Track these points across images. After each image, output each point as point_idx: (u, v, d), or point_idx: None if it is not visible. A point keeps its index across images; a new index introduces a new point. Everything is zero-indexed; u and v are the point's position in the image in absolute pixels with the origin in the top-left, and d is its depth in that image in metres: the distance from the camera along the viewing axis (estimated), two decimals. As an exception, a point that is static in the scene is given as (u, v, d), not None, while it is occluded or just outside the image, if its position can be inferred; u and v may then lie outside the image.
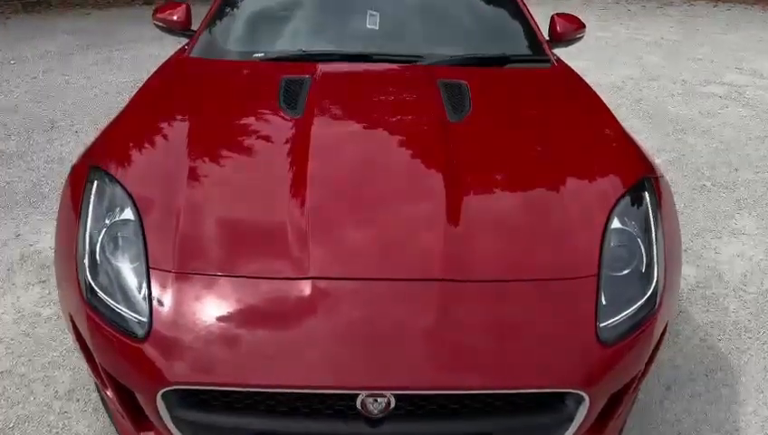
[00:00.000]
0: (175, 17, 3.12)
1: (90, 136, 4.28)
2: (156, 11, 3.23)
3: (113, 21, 7.83)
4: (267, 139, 2.15)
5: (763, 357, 2.59)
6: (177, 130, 2.14)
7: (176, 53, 2.96)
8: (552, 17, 3.21)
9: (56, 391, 2.32)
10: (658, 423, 2.26)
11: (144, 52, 6.45)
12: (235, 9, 3.00)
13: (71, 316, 1.81)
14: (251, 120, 2.25)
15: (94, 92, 5.34)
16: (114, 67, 6.03)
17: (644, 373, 1.82)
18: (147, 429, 1.75)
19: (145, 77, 2.73)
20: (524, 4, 3.12)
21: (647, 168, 2.10)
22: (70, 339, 2.55)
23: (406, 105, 2.40)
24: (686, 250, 3.28)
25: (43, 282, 2.90)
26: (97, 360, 1.68)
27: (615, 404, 1.73)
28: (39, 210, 3.49)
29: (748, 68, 6.36)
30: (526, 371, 1.55)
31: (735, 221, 3.59)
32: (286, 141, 2.06)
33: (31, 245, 3.18)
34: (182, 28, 3.12)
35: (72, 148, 4.24)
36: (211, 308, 1.59)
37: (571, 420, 1.62)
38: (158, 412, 1.58)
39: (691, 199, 3.80)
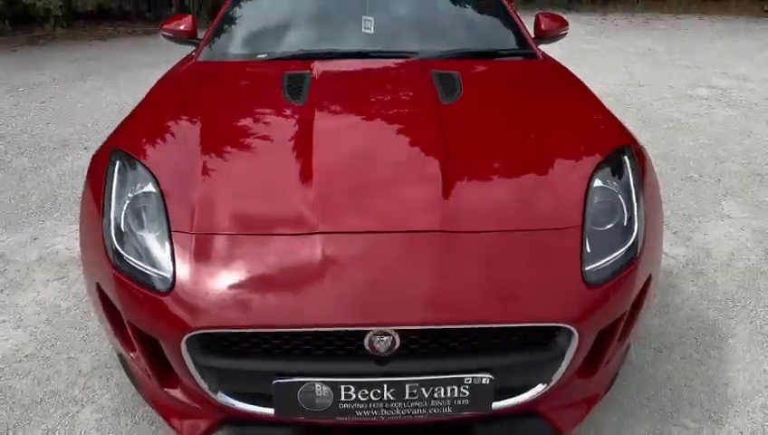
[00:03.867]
0: (182, 27, 3.32)
1: (89, 157, 4.48)
2: (163, 23, 3.43)
3: (114, 50, 8.08)
4: (274, 121, 2.32)
5: (750, 322, 2.72)
6: (190, 116, 2.31)
7: (182, 60, 3.15)
8: (537, 16, 3.41)
9: (79, 370, 2.45)
10: (651, 380, 2.39)
11: (144, 75, 6.65)
12: (239, 17, 3.20)
13: (98, 287, 1.95)
14: (257, 106, 2.42)
15: (101, 113, 5.54)
16: (118, 90, 6.24)
17: (631, 322, 1.95)
18: (171, 385, 1.89)
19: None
20: (510, 5, 3.32)
21: (627, 138, 2.26)
22: (90, 326, 2.69)
23: (401, 90, 2.57)
24: (675, 232, 3.43)
25: (61, 278, 3.04)
26: (125, 318, 1.81)
27: (603, 346, 1.86)
28: (54, 217, 3.65)
29: (733, 73, 6.56)
30: (519, 307, 1.69)
31: (722, 207, 3.74)
32: (292, 123, 2.23)
33: (47, 247, 3.33)
34: (189, 37, 3.31)
35: (84, 162, 4.39)
36: (228, 262, 1.74)
37: (562, 356, 1.75)
38: (182, 360, 1.71)
39: (680, 189, 3.96)
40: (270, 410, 1.77)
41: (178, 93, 2.59)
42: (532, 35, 3.29)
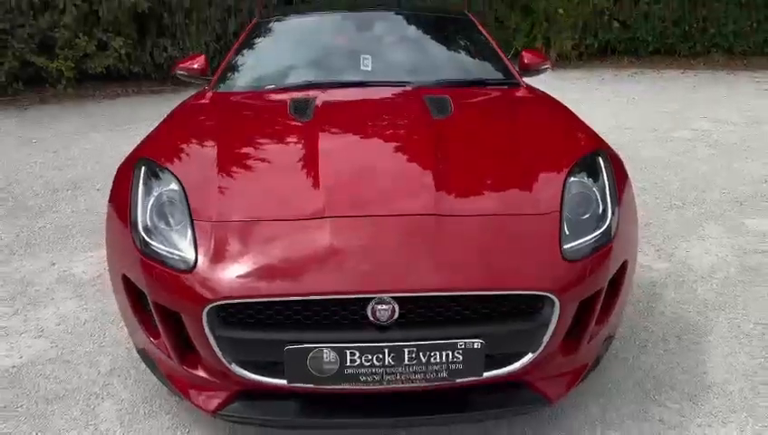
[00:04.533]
0: (195, 65, 3.62)
1: (101, 198, 4.71)
2: (177, 63, 3.72)
3: (122, 107, 8.42)
4: (282, 132, 2.57)
5: (728, 322, 2.89)
6: (206, 130, 2.56)
7: (194, 94, 3.42)
8: (521, 53, 3.71)
9: (99, 371, 2.61)
10: (636, 370, 2.55)
11: (149, 128, 6.97)
12: (247, 55, 3.50)
13: (123, 278, 2.15)
14: (266, 122, 2.68)
15: (111, 160, 5.75)
16: (127, 140, 6.45)
17: (611, 304, 2.15)
18: (189, 363, 2.05)
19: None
20: (495, 41, 3.63)
21: (602, 145, 2.51)
22: (108, 333, 2.86)
23: (396, 109, 2.83)
24: (658, 250, 3.63)
25: (79, 296, 3.22)
26: (151, 299, 2.00)
27: (585, 320, 2.04)
28: (70, 246, 3.85)
29: (713, 117, 6.88)
30: (505, 276, 1.89)
31: (703, 229, 3.95)
32: (298, 133, 2.48)
33: (65, 270, 3.52)
34: (201, 74, 3.61)
35: (96, 201, 4.63)
36: (243, 243, 1.95)
37: (546, 325, 1.93)
38: (203, 332, 1.89)
39: (663, 214, 4.18)
40: (280, 381, 1.94)
41: (194, 115, 2.85)
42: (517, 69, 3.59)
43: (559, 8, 9.87)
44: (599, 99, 8.10)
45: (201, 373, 2.04)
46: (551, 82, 3.45)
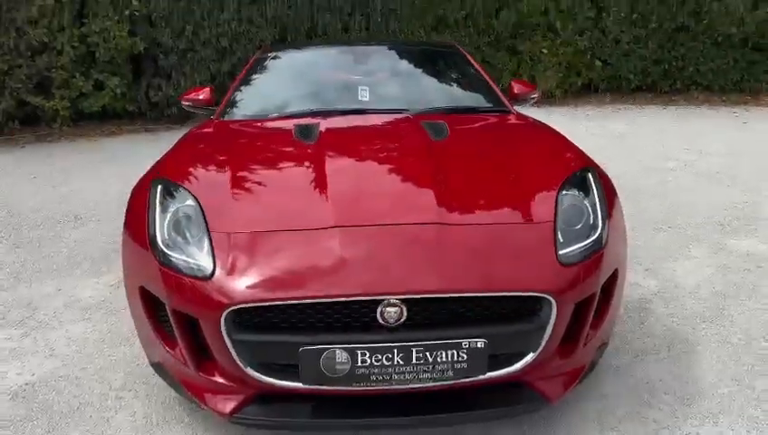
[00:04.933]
0: (201, 96, 3.78)
1: (111, 225, 4.80)
2: (182, 94, 3.88)
3: (119, 144, 8.55)
4: (290, 153, 2.72)
5: (716, 333, 3.02)
6: (217, 151, 2.71)
7: (199, 124, 3.56)
8: (510, 82, 3.91)
9: (110, 386, 2.68)
10: (630, 377, 2.66)
11: (148, 163, 7.05)
12: (250, 87, 3.67)
13: (140, 291, 2.25)
14: (274, 144, 2.83)
15: (110, 195, 5.87)
16: (124, 174, 6.55)
17: (605, 309, 2.28)
18: (205, 369, 2.15)
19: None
20: (485, 72, 3.82)
21: (591, 163, 2.67)
22: (118, 352, 2.94)
23: (396, 132, 2.99)
24: (647, 269, 3.77)
25: (87, 319, 3.30)
26: (170, 307, 2.10)
27: (580, 323, 2.17)
28: (75, 274, 3.93)
29: (695, 148, 7.12)
30: (506, 279, 2.02)
31: (689, 250, 4.10)
32: (305, 152, 2.62)
33: (71, 296, 3.60)
34: (207, 104, 3.76)
35: (97, 232, 4.70)
36: (258, 252, 2.07)
37: (545, 326, 2.05)
38: (220, 337, 1.99)
39: (650, 238, 4.33)
40: (294, 384, 2.03)
41: (203, 140, 2.99)
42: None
43: (543, 48, 10.19)
44: (584, 133, 8.34)
45: (216, 379, 2.13)
46: (537, 118, 3.61)
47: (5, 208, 5.38)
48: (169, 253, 2.15)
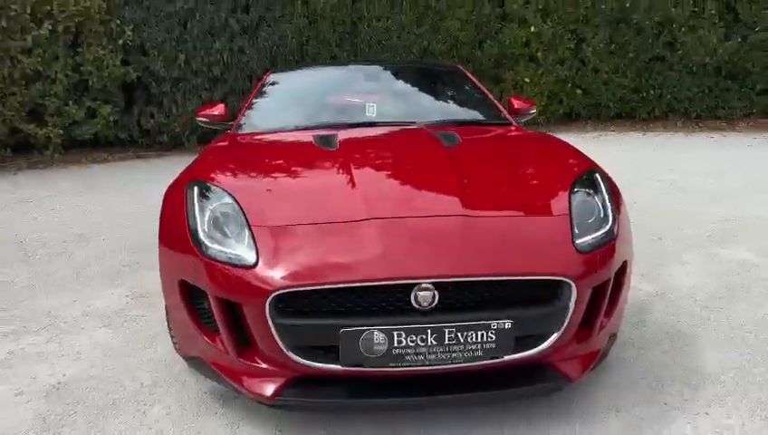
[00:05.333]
0: (216, 112, 3.93)
1: (115, 243, 4.90)
2: (197, 111, 4.02)
3: (112, 170, 8.62)
4: (315, 156, 2.88)
5: (714, 329, 3.19)
6: (245, 157, 2.86)
7: (217, 138, 3.71)
8: (509, 99, 4.13)
9: (142, 383, 2.77)
10: (638, 368, 2.82)
11: (143, 188, 7.14)
12: (264, 101, 3.84)
13: (180, 284, 2.37)
14: (298, 150, 2.99)
15: (109, 215, 5.96)
16: (122, 198, 6.69)
17: (616, 297, 2.45)
18: (247, 358, 2.27)
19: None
20: (488, 90, 4.04)
21: (596, 166, 2.86)
22: (144, 354, 3.03)
23: (411, 139, 3.17)
24: (643, 275, 3.96)
25: (108, 326, 3.38)
26: (214, 295, 2.22)
27: (596, 309, 2.33)
28: (90, 285, 4.01)
29: (678, 169, 7.41)
30: (532, 264, 2.19)
31: (681, 257, 4.30)
32: (330, 157, 2.78)
33: (88, 306, 3.68)
34: (222, 120, 3.91)
35: (104, 249, 4.79)
36: (298, 242, 2.22)
37: (565, 309, 2.21)
38: (265, 321, 2.11)
39: (645, 247, 4.52)
40: (332, 366, 2.16)
41: (227, 148, 3.13)
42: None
43: (525, 77, 10.54)
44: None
45: (257, 364, 2.25)
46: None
47: (7, 229, 5.44)
48: (212, 246, 2.28)
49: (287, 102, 3.83)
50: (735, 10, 9.85)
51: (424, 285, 2.10)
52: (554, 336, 2.22)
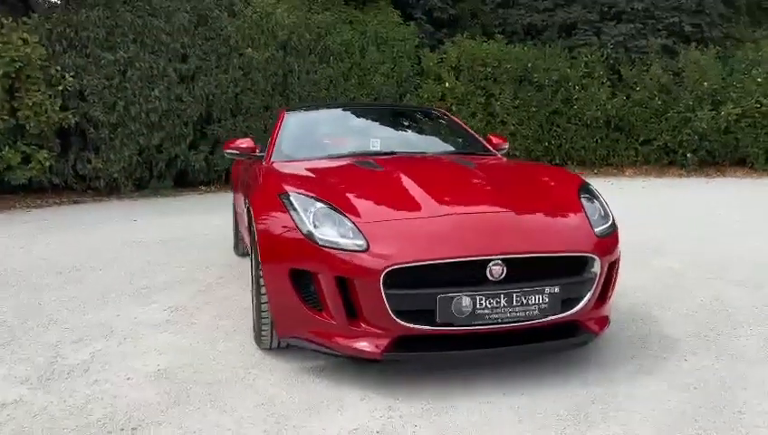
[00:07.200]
0: (244, 145, 4.44)
1: (110, 274, 5.15)
2: (226, 144, 4.52)
3: (57, 214, 8.53)
4: (367, 173, 3.57)
5: (671, 311, 4.10)
6: (305, 176, 3.49)
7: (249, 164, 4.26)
8: (488, 136, 4.99)
9: (234, 367, 3.23)
10: (623, 337, 3.64)
11: (110, 227, 7.33)
12: (288, 135, 4.41)
13: (290, 273, 2.94)
14: (349, 168, 3.67)
15: (94, 247, 6.16)
16: (87, 238, 6.77)
17: (615, 274, 3.27)
18: (355, 325, 2.86)
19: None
20: (471, 129, 4.90)
21: (585, 181, 3.73)
22: (220, 347, 3.48)
23: (438, 162, 3.95)
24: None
25: (166, 331, 3.77)
26: (331, 274, 2.81)
27: (609, 281, 3.14)
28: (121, 303, 4.33)
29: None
30: (572, 244, 3.00)
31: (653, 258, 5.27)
32: (380, 174, 3.51)
33: (134, 318, 4.03)
34: (251, 151, 4.42)
35: (103, 279, 5.05)
36: (398, 233, 2.89)
37: (594, 278, 3.00)
38: (378, 291, 2.73)
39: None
40: (427, 327, 2.80)
41: (279, 170, 3.72)
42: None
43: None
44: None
45: (365, 328, 2.84)
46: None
47: (-1, 262, 5.53)
48: (324, 237, 2.88)
49: (311, 136, 4.46)
50: (619, 72, 11.52)
51: (496, 261, 2.81)
52: (587, 298, 3.00)
